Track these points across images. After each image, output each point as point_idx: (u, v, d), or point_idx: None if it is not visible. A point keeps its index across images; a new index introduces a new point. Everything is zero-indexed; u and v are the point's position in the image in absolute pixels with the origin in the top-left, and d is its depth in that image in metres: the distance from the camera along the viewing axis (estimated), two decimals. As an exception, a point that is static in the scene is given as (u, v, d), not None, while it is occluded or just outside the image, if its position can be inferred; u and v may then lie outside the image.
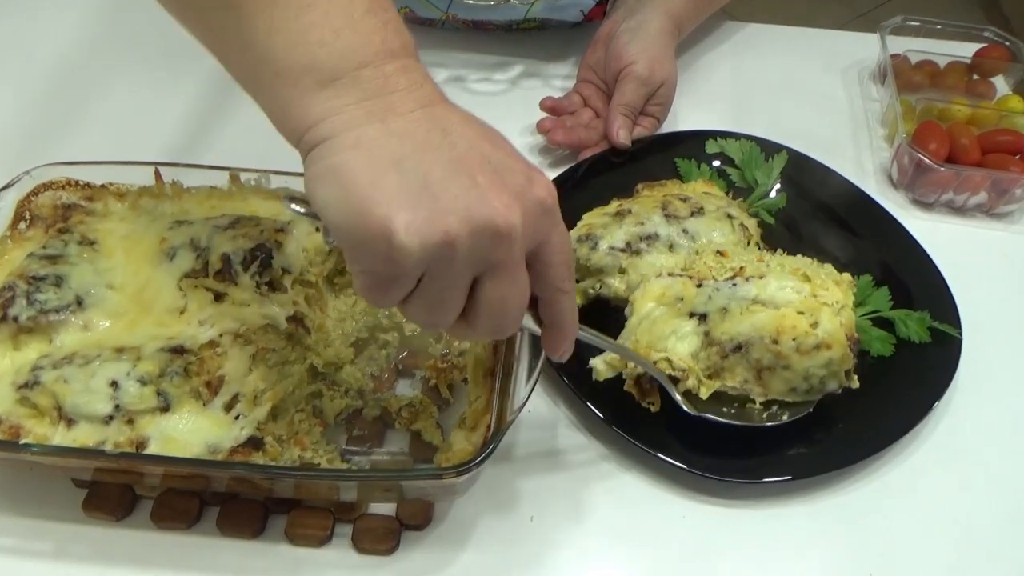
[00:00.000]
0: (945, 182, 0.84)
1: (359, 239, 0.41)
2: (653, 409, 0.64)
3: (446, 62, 0.99)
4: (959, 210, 0.87)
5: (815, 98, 1.00)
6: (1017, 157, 0.84)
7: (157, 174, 0.70)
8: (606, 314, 0.71)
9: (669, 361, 0.64)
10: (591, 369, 0.68)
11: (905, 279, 0.76)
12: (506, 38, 1.04)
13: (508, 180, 0.43)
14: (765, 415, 0.65)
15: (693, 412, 0.64)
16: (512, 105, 0.95)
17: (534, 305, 0.49)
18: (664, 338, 0.65)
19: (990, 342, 0.74)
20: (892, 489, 0.65)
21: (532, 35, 1.04)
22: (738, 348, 0.63)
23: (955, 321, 0.72)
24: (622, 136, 0.85)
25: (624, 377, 0.65)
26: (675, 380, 0.64)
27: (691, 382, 0.64)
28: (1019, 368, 0.74)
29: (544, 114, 0.90)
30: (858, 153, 0.93)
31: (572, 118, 0.91)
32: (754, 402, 0.65)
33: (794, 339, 0.61)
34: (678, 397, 0.64)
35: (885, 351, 0.70)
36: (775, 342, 0.62)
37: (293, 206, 0.48)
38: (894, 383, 0.68)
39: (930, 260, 0.77)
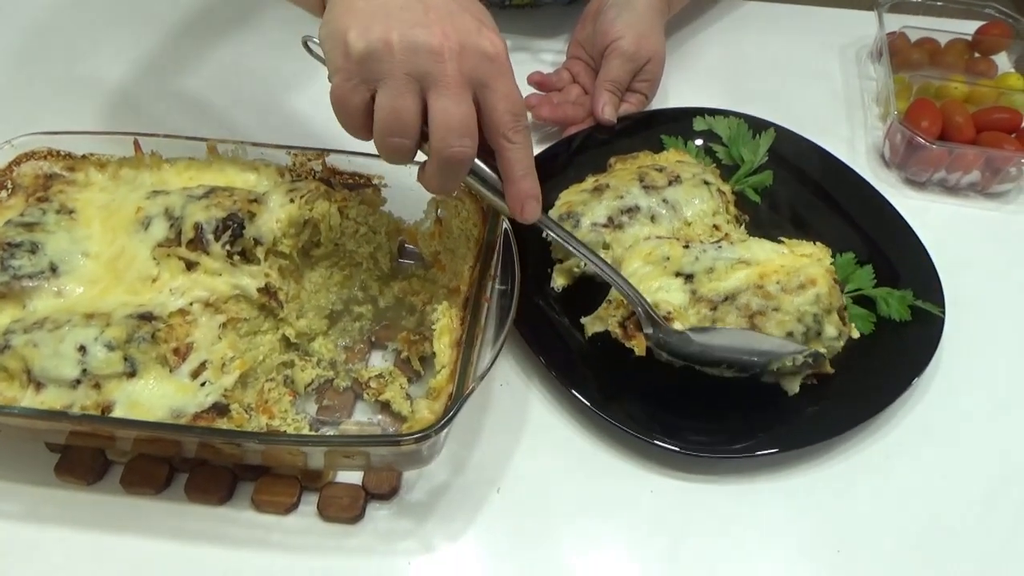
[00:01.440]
0: (937, 160, 0.82)
1: (328, 47, 0.53)
2: (637, 352, 0.63)
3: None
4: (952, 189, 0.85)
5: (811, 77, 0.98)
6: (1013, 135, 0.82)
7: (137, 145, 0.70)
8: (594, 291, 0.70)
9: (658, 304, 0.63)
10: (563, 344, 0.68)
11: (891, 257, 0.75)
12: (499, 15, 1.02)
13: (458, 23, 0.52)
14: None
15: (680, 327, 0.62)
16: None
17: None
18: (651, 292, 0.64)
19: (975, 322, 0.73)
20: (865, 468, 0.64)
21: (524, 12, 1.04)
22: (726, 299, 0.63)
23: (939, 300, 0.71)
24: (607, 112, 0.84)
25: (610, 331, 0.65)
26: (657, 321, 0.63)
27: (677, 325, 0.63)
28: (1001, 349, 0.72)
29: (532, 90, 0.90)
30: (852, 132, 0.91)
31: (560, 95, 0.90)
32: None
33: (778, 281, 0.63)
34: (648, 308, 0.62)
35: (865, 329, 0.69)
36: (761, 287, 0.63)
37: (310, 44, 0.60)
38: (873, 362, 0.67)
39: (917, 238, 0.75)
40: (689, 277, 0.64)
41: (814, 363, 0.64)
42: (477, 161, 0.56)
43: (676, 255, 0.65)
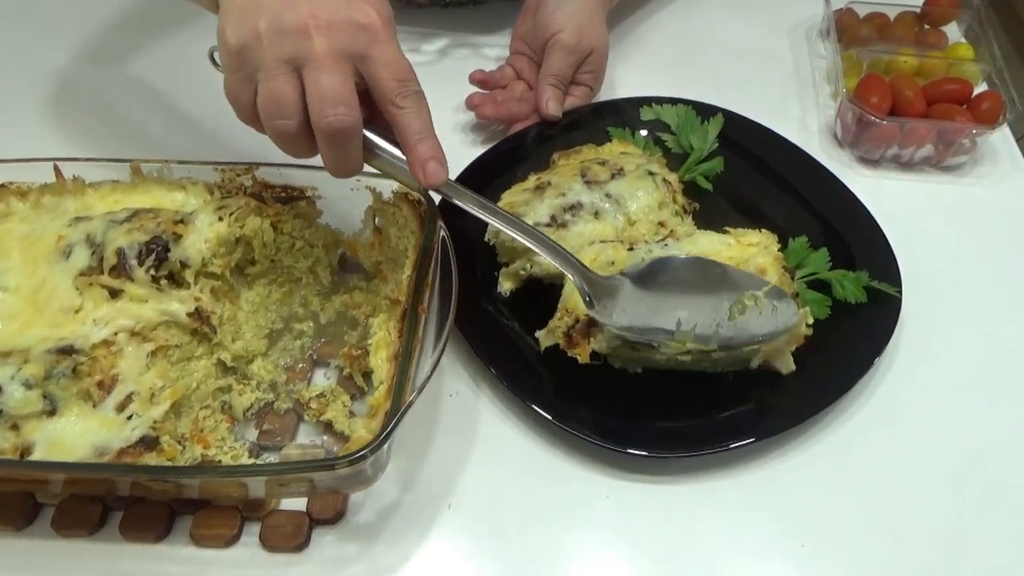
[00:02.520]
0: (889, 136, 0.80)
1: (219, 47, 0.55)
2: (580, 360, 0.61)
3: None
4: (906, 165, 0.83)
5: (761, 59, 0.97)
6: (964, 106, 0.81)
7: (57, 170, 0.67)
8: (543, 294, 0.68)
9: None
10: (513, 350, 0.66)
11: (846, 239, 0.73)
12: (441, 15, 1.01)
13: (328, 3, 0.53)
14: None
15: (599, 319, 0.59)
16: (444, 81, 0.91)
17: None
18: None
19: (934, 299, 0.71)
20: (825, 458, 0.62)
21: (466, 10, 1.01)
22: None
23: (895, 280, 0.69)
24: (551, 108, 0.82)
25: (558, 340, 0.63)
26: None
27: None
28: (961, 325, 0.71)
29: (475, 89, 0.87)
30: (803, 112, 0.90)
31: (504, 92, 0.88)
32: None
33: None
34: (585, 271, 0.60)
35: (821, 314, 0.67)
36: None
37: (215, 56, 0.60)
38: (830, 346, 0.65)
39: (871, 218, 0.74)
40: None
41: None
42: (378, 139, 0.57)
43: (620, 258, 0.63)
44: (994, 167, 0.83)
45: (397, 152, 0.57)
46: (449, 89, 0.89)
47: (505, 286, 0.71)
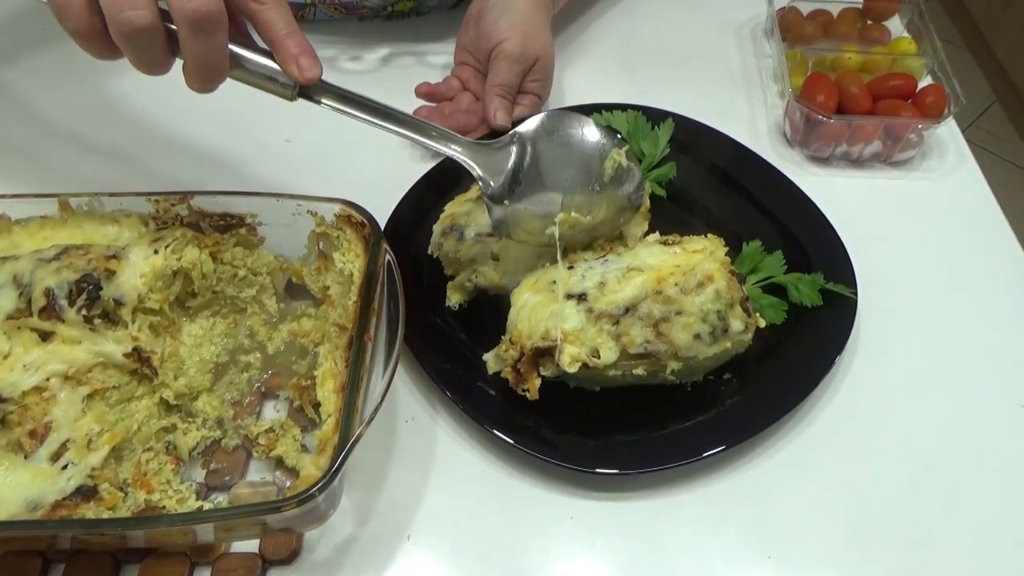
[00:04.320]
0: (837, 134, 0.80)
1: None
2: (529, 396, 0.60)
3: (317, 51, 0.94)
4: (856, 162, 0.83)
5: (708, 61, 0.96)
6: (909, 101, 0.81)
7: (-22, 209, 0.64)
8: (490, 306, 0.67)
9: (546, 334, 0.60)
10: (468, 373, 0.64)
11: (801, 240, 0.73)
12: (383, 27, 0.99)
13: None
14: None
15: (493, 207, 0.62)
16: (389, 93, 0.88)
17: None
18: (543, 320, 0.61)
19: (890, 297, 0.71)
20: (788, 465, 0.62)
21: (408, 21, 0.99)
22: (627, 311, 0.59)
23: (851, 280, 0.69)
24: (500, 118, 0.80)
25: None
26: (548, 351, 0.59)
27: (575, 350, 0.59)
28: (918, 322, 0.71)
29: (421, 102, 0.86)
30: (752, 113, 0.89)
31: (451, 104, 0.86)
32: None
33: (676, 283, 0.60)
34: (469, 162, 0.62)
35: (777, 319, 0.67)
36: (659, 292, 0.59)
37: None
38: (788, 352, 0.65)
39: (824, 218, 0.73)
40: (582, 297, 0.60)
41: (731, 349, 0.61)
42: (238, 48, 0.54)
43: (563, 278, 0.62)
44: (942, 160, 0.84)
45: (260, 58, 0.55)
46: (395, 101, 0.87)
47: (453, 299, 0.69)
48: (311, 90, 0.57)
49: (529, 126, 0.63)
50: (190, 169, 0.81)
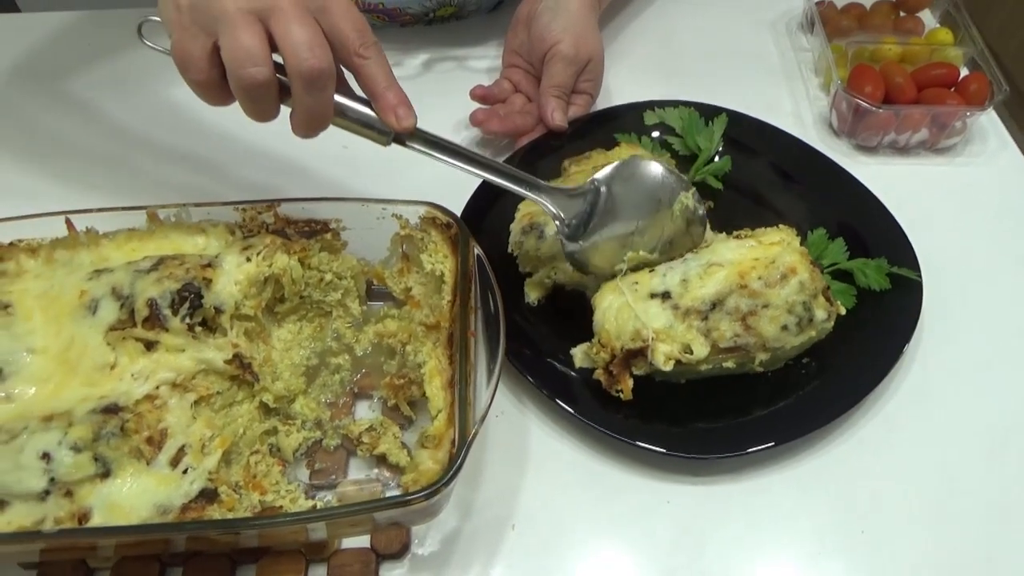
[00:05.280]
0: (885, 123, 0.82)
1: (162, 9, 0.56)
2: (623, 397, 0.62)
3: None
4: (902, 150, 0.86)
5: (747, 56, 0.98)
6: (952, 89, 0.84)
7: (68, 223, 0.65)
8: (568, 301, 0.69)
9: (635, 334, 0.62)
10: (554, 365, 0.66)
11: (859, 228, 0.75)
12: (425, 32, 1.00)
13: None
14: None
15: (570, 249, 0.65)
16: (442, 99, 0.90)
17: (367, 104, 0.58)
18: (630, 320, 0.62)
19: (950, 280, 0.74)
20: (870, 443, 0.64)
21: (450, 26, 1.01)
22: (714, 306, 0.62)
23: (913, 264, 0.71)
24: (557, 118, 0.82)
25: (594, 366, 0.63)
26: (639, 351, 0.61)
27: (668, 348, 0.61)
28: (978, 302, 0.73)
29: (476, 105, 0.87)
30: (796, 106, 0.92)
31: (504, 106, 0.88)
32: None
33: (759, 277, 0.62)
34: (550, 208, 0.64)
35: (847, 303, 0.69)
36: (744, 286, 0.61)
37: (142, 29, 0.61)
38: (860, 335, 0.67)
39: (882, 205, 0.76)
40: (666, 295, 0.62)
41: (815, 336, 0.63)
42: (348, 101, 0.58)
43: (643, 280, 0.64)
44: (984, 146, 0.87)
45: (360, 107, 0.58)
46: (438, 104, 0.88)
47: (532, 296, 0.71)
48: (405, 136, 0.60)
49: (605, 172, 0.65)
50: (271, 176, 0.82)
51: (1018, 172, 0.84)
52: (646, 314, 0.62)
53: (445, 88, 0.92)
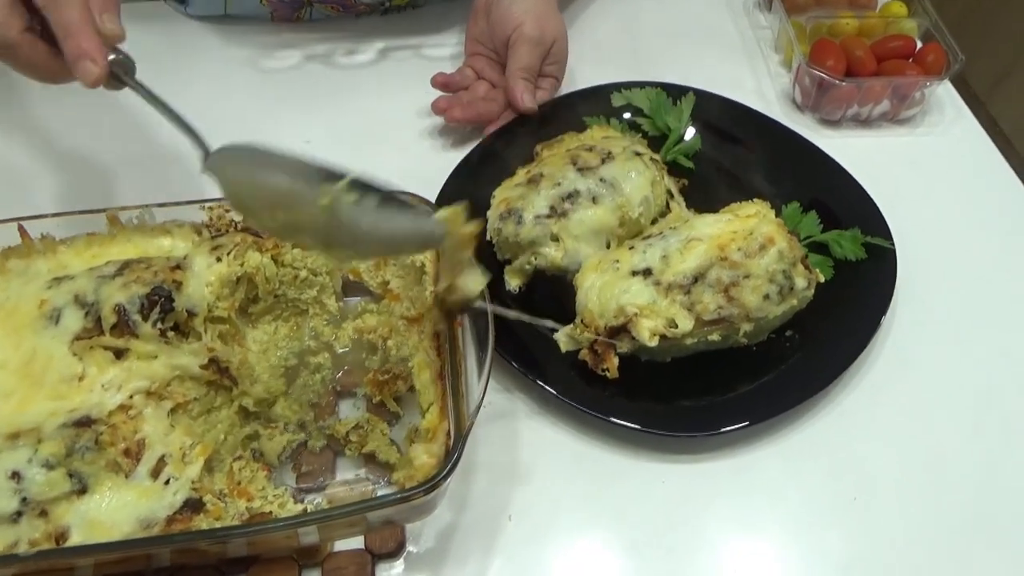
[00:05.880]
0: (848, 96, 0.84)
1: None
2: (609, 376, 0.61)
3: (323, 54, 0.93)
4: (865, 122, 0.87)
5: (706, 35, 0.99)
6: (910, 60, 0.85)
7: (21, 230, 0.62)
8: (549, 286, 0.68)
9: (618, 311, 0.61)
10: (539, 350, 0.65)
11: (829, 200, 0.76)
12: (380, 22, 0.98)
13: None
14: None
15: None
16: (402, 89, 0.89)
17: None
18: (613, 298, 0.62)
19: (918, 249, 0.75)
20: (853, 413, 0.65)
21: (405, 14, 0.99)
22: (696, 280, 0.62)
23: (886, 233, 0.72)
24: (527, 101, 0.81)
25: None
26: (622, 328, 0.61)
27: (651, 323, 0.61)
28: (950, 270, 0.75)
29: (438, 93, 0.86)
30: (758, 83, 0.92)
31: (467, 93, 0.86)
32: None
33: (739, 248, 0.62)
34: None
35: (825, 275, 0.69)
36: (724, 259, 0.62)
37: None
38: (839, 305, 0.68)
39: (850, 176, 0.77)
40: (647, 272, 0.62)
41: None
42: None
43: (624, 257, 0.63)
44: (941, 115, 0.89)
45: None
46: (397, 93, 0.88)
47: (513, 283, 0.70)
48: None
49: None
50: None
51: (975, 139, 0.86)
52: (628, 292, 0.62)
53: (404, 76, 0.90)
